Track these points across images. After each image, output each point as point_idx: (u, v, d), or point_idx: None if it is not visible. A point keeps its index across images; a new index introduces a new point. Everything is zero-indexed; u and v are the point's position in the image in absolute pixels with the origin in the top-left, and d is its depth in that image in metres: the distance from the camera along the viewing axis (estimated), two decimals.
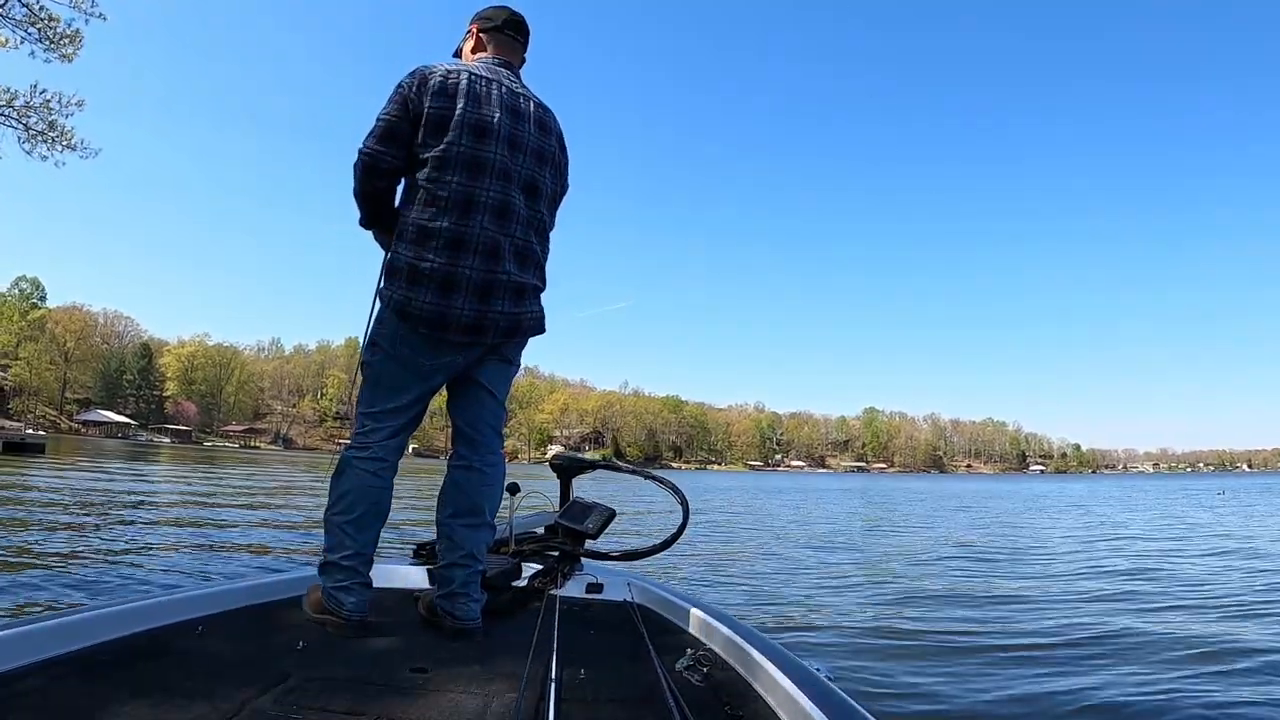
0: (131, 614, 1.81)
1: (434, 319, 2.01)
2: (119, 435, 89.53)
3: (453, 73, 2.08)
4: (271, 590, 2.26)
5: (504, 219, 2.08)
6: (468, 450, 2.18)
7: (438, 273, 2.00)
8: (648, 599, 2.44)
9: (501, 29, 2.27)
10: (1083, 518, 18.03)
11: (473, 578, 2.09)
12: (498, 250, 2.06)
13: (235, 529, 9.50)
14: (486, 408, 2.21)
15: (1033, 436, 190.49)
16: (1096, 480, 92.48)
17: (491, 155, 2.06)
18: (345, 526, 2.03)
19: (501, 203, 2.07)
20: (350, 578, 2.01)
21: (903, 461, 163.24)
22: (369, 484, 2.06)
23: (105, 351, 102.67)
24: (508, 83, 2.17)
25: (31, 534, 7.64)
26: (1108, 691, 3.69)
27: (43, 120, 16.42)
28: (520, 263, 2.12)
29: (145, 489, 15.86)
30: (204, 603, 2.03)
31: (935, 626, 5.14)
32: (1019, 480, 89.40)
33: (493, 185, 2.06)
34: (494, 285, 2.05)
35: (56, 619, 1.68)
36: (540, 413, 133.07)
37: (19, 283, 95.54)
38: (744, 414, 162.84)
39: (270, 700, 1.45)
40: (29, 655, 1.53)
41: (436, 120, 2.03)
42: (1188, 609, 5.98)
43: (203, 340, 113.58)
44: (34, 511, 9.83)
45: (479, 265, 2.03)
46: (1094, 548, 10.93)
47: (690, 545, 9.43)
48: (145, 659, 1.64)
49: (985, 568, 8.46)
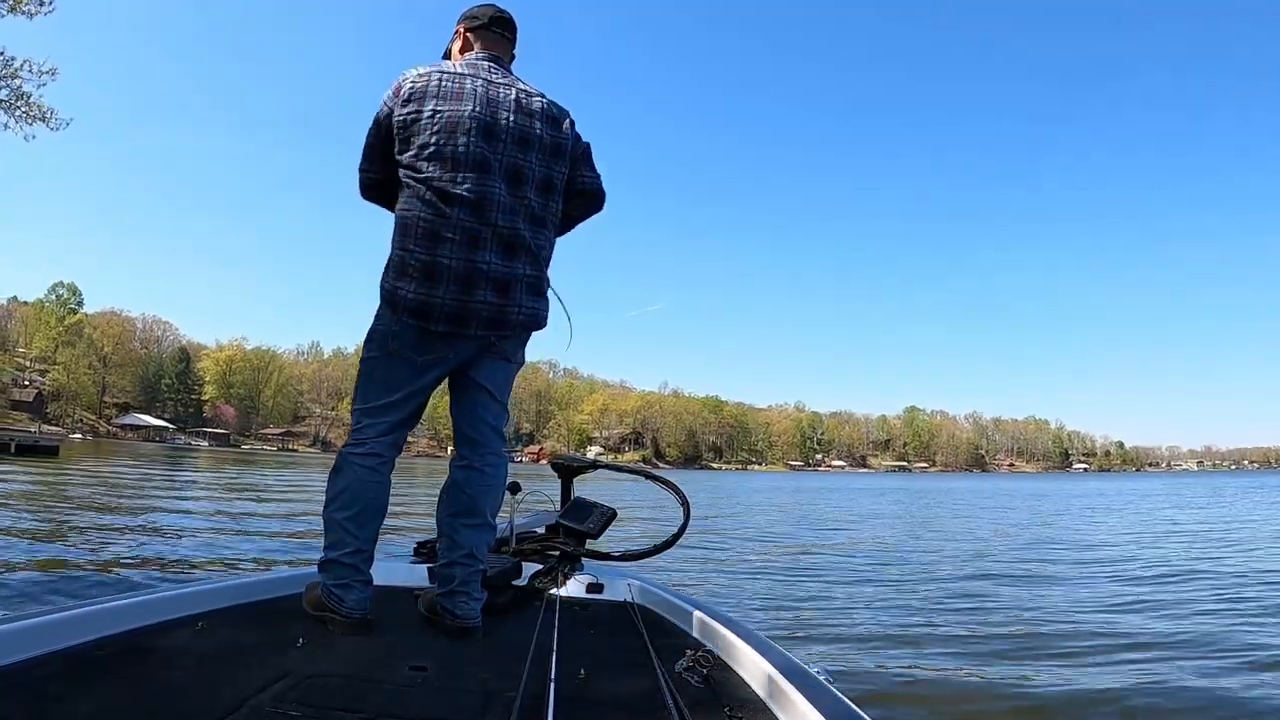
0: (131, 609, 1.79)
1: (417, 308, 2.02)
2: (156, 439, 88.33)
3: (422, 75, 2.11)
4: (271, 587, 2.22)
5: (482, 209, 2.06)
6: (468, 450, 2.16)
7: (420, 263, 2.02)
8: (648, 599, 2.40)
9: (488, 26, 2.27)
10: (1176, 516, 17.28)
11: (473, 576, 2.07)
12: (477, 240, 2.05)
13: (236, 529, 9.32)
14: (486, 408, 2.18)
15: (1075, 434, 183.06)
16: (1145, 479, 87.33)
17: (464, 147, 2.06)
18: (345, 523, 2.02)
19: (478, 193, 2.05)
20: (351, 575, 1.99)
21: (944, 461, 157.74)
22: (366, 480, 2.05)
23: (144, 356, 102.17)
24: (485, 75, 2.16)
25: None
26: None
27: (9, 89, 15.20)
28: (507, 253, 2.09)
29: (149, 490, 15.55)
30: (204, 599, 2.01)
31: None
32: (1066, 479, 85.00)
33: (467, 176, 2.05)
34: (475, 275, 2.04)
35: (55, 614, 1.65)
36: (579, 413, 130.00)
37: (56, 288, 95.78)
38: (784, 414, 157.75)
39: (270, 697, 1.42)
40: (28, 650, 1.50)
41: (408, 125, 2.07)
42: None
43: (241, 344, 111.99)
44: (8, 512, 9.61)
45: (459, 255, 2.03)
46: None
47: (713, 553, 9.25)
48: (145, 655, 1.61)
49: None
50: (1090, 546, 10.91)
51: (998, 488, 42.31)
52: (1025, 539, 12.30)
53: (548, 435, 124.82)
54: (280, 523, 10.96)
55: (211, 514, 11.33)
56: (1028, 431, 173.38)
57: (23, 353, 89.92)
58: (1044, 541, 11.83)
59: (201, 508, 12.54)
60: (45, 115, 15.57)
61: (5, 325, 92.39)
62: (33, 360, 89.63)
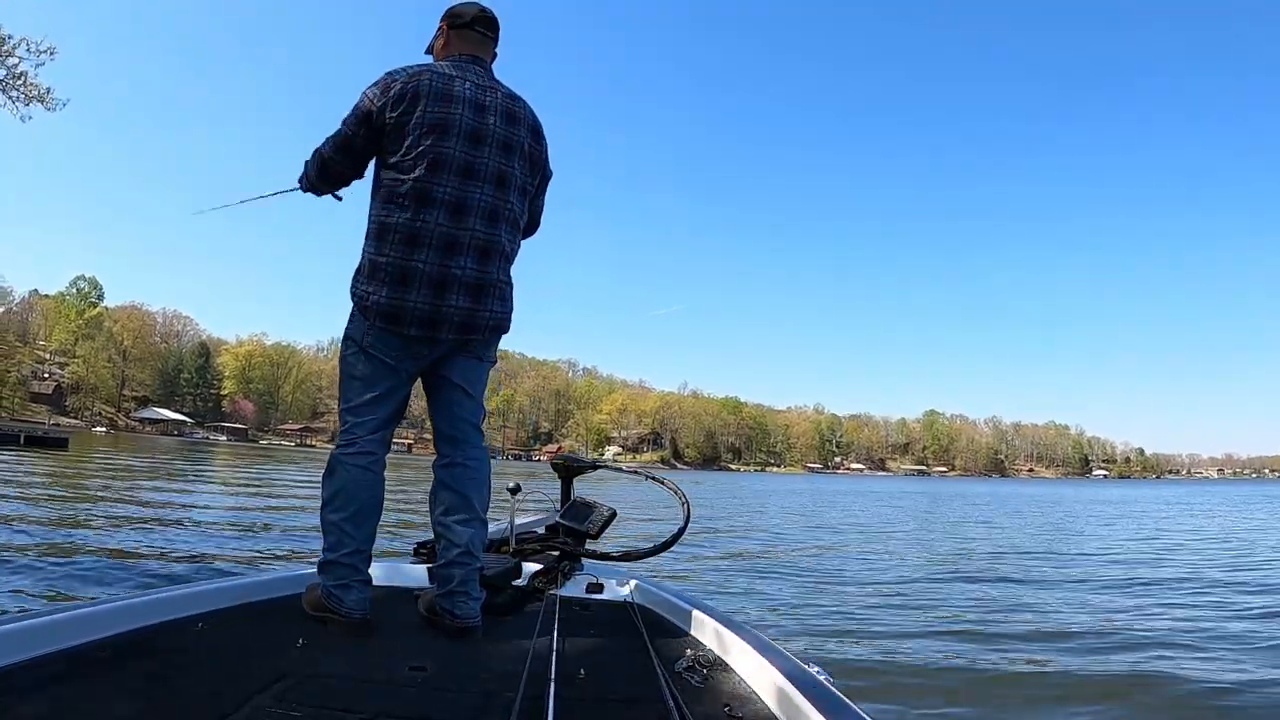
0: (131, 610, 1.78)
1: (389, 313, 2.00)
2: (175, 433, 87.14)
3: (414, 75, 2.07)
4: (271, 588, 2.21)
5: (461, 214, 2.05)
6: (450, 448, 2.15)
7: (393, 267, 2.00)
8: (648, 599, 2.38)
9: (471, 25, 2.23)
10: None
11: (471, 575, 2.06)
12: (454, 245, 2.04)
13: (234, 529, 9.19)
14: (463, 405, 2.18)
15: (1096, 440, 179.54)
16: (1167, 486, 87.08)
17: (451, 152, 2.04)
18: (343, 524, 2.01)
19: (459, 198, 2.05)
20: (350, 575, 1.98)
21: (963, 465, 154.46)
22: (360, 479, 2.04)
23: (164, 350, 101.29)
24: (473, 78, 2.15)
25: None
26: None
27: (5, 68, 14.87)
28: (481, 258, 2.09)
29: (148, 484, 15.30)
30: (204, 599, 1.99)
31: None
32: (1086, 485, 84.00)
33: (450, 181, 2.04)
34: (448, 280, 2.03)
35: (55, 614, 1.64)
36: (598, 413, 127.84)
37: (77, 281, 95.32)
38: (803, 416, 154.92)
39: (270, 698, 1.42)
40: (27, 651, 1.50)
41: (397, 125, 2.03)
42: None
43: (260, 340, 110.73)
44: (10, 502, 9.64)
45: (433, 259, 2.01)
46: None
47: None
48: (145, 655, 1.60)
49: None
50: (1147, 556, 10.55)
51: (1017, 493, 41.81)
52: (1039, 544, 12.12)
53: (566, 435, 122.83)
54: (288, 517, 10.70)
55: (209, 508, 10.91)
56: (1048, 437, 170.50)
57: (43, 345, 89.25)
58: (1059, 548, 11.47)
59: (204, 501, 12.05)
60: (42, 95, 15.03)
61: (26, 318, 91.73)
62: (52, 353, 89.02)
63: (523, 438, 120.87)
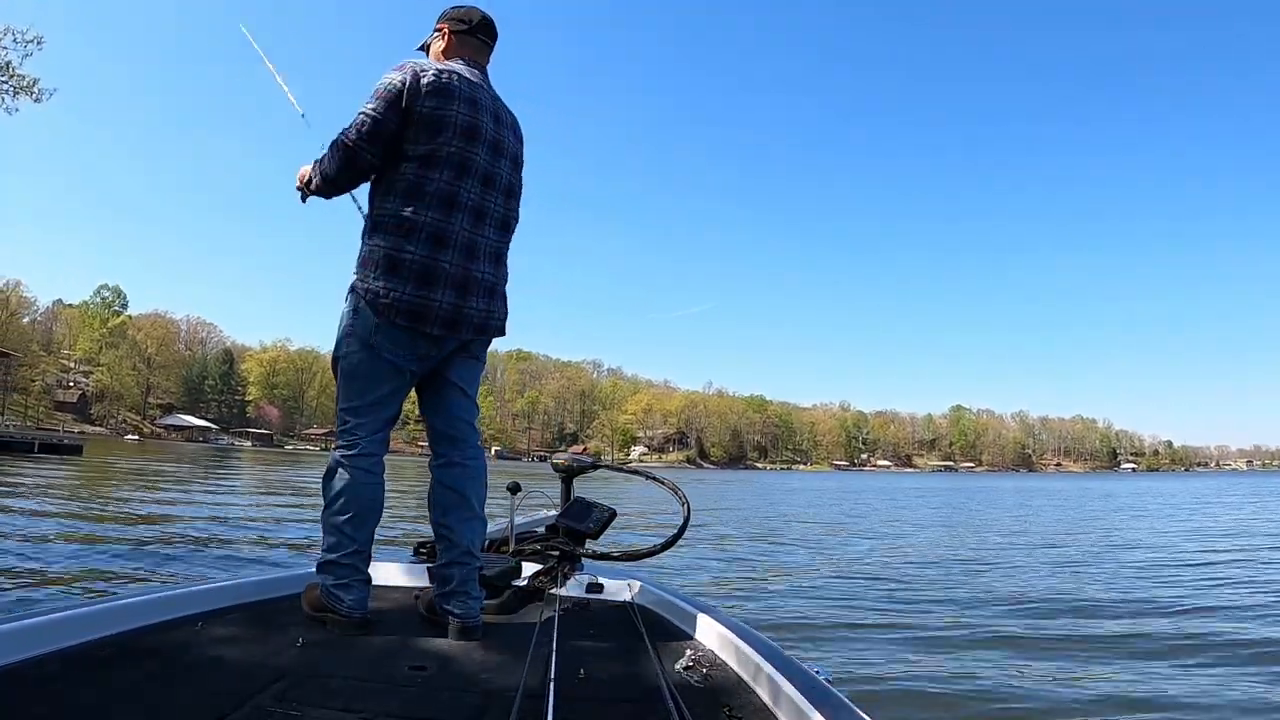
0: (131, 609, 1.77)
1: (412, 311, 1.95)
2: (200, 439, 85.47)
3: (444, 73, 2.02)
4: (271, 587, 2.20)
5: (480, 220, 2.07)
6: (448, 448, 2.12)
7: (418, 264, 1.95)
8: (648, 599, 2.37)
9: (474, 32, 2.19)
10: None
11: (471, 575, 2.03)
12: (474, 249, 2.05)
13: (233, 528, 9.14)
14: (460, 405, 2.15)
15: (1123, 433, 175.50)
16: (1196, 478, 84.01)
17: (477, 158, 2.04)
18: (344, 526, 1.98)
19: (479, 205, 2.06)
20: (350, 575, 1.97)
21: (990, 460, 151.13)
22: (362, 482, 2.00)
23: (188, 357, 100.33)
24: (485, 86, 2.14)
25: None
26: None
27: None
28: (494, 263, 2.12)
29: (155, 490, 14.84)
30: (203, 599, 1.97)
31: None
32: (1114, 479, 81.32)
33: (474, 187, 2.04)
34: (470, 281, 2.03)
35: (57, 614, 1.63)
36: (623, 413, 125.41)
37: (101, 290, 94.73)
38: (829, 413, 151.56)
39: (269, 697, 1.41)
40: (27, 650, 1.48)
41: (430, 119, 1.97)
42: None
43: (284, 345, 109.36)
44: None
45: (458, 261, 2.01)
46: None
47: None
48: (144, 655, 1.59)
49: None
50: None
51: (1051, 487, 40.46)
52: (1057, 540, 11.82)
53: (591, 435, 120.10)
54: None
55: (216, 519, 10.42)
56: (1075, 431, 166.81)
57: (67, 355, 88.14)
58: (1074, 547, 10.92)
59: (213, 511, 11.43)
60: (29, 87, 14.41)
61: (50, 328, 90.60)
62: (76, 362, 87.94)
63: (548, 439, 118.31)
